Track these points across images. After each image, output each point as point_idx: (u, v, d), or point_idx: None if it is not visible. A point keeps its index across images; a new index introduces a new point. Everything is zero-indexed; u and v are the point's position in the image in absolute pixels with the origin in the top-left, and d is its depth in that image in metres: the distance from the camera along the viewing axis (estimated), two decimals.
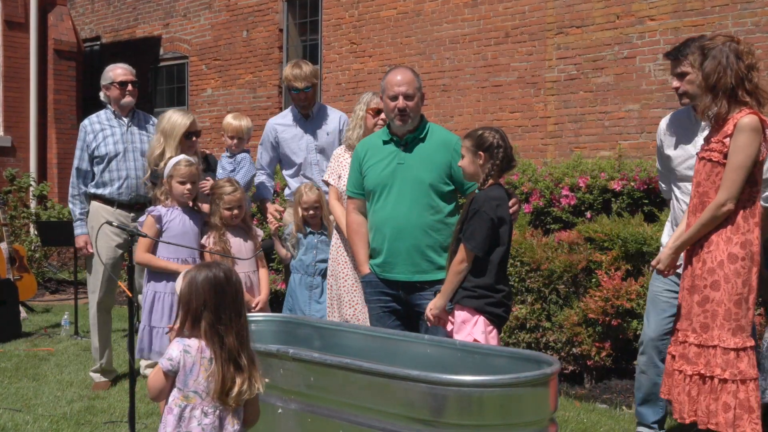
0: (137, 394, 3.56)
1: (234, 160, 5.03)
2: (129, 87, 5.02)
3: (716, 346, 3.14)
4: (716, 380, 3.13)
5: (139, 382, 4.83)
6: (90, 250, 5.01)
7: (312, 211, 4.65)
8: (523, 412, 2.70)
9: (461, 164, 3.52)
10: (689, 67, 3.53)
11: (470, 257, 3.38)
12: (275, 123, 5.15)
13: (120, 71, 5.05)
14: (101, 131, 5.01)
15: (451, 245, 3.54)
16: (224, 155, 5.11)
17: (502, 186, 3.50)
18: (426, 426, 2.68)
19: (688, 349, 3.22)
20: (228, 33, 10.81)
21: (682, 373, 3.24)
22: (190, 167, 4.21)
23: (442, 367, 3.06)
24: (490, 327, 3.40)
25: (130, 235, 3.66)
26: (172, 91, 11.70)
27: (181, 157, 4.27)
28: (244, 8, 10.62)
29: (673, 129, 3.84)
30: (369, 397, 2.82)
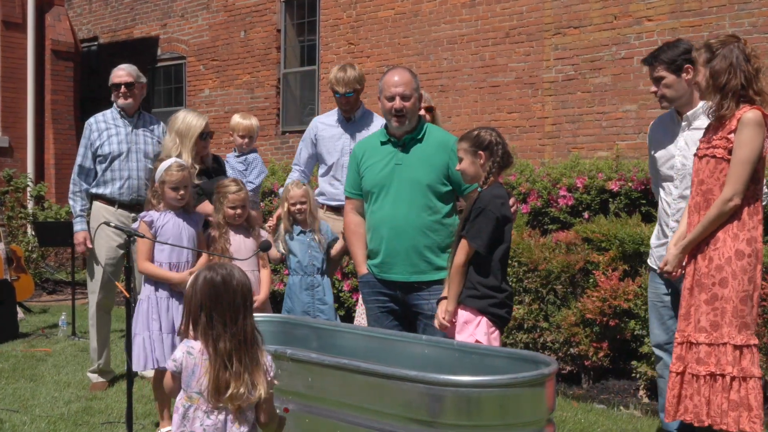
0: (134, 395, 3.56)
1: (245, 159, 5.03)
2: (122, 89, 4.98)
3: (726, 344, 3.11)
4: (728, 378, 3.10)
5: (137, 382, 4.84)
6: (89, 245, 5.00)
7: (299, 206, 4.63)
8: (521, 412, 2.70)
9: (460, 168, 3.49)
10: (664, 71, 3.60)
11: (471, 254, 3.37)
12: (319, 120, 5.11)
13: (119, 72, 5.03)
14: (106, 130, 5.00)
15: (453, 246, 3.52)
16: (230, 155, 5.11)
17: (502, 185, 3.50)
18: (424, 426, 2.68)
19: (697, 349, 3.17)
20: (226, 33, 10.81)
21: (693, 375, 3.19)
22: (182, 172, 4.05)
23: (439, 368, 3.06)
24: (493, 328, 3.39)
25: (128, 236, 3.65)
26: (170, 91, 11.68)
27: (172, 161, 4.12)
28: (241, 9, 10.61)
29: (658, 131, 3.88)
30: (367, 398, 2.82)
